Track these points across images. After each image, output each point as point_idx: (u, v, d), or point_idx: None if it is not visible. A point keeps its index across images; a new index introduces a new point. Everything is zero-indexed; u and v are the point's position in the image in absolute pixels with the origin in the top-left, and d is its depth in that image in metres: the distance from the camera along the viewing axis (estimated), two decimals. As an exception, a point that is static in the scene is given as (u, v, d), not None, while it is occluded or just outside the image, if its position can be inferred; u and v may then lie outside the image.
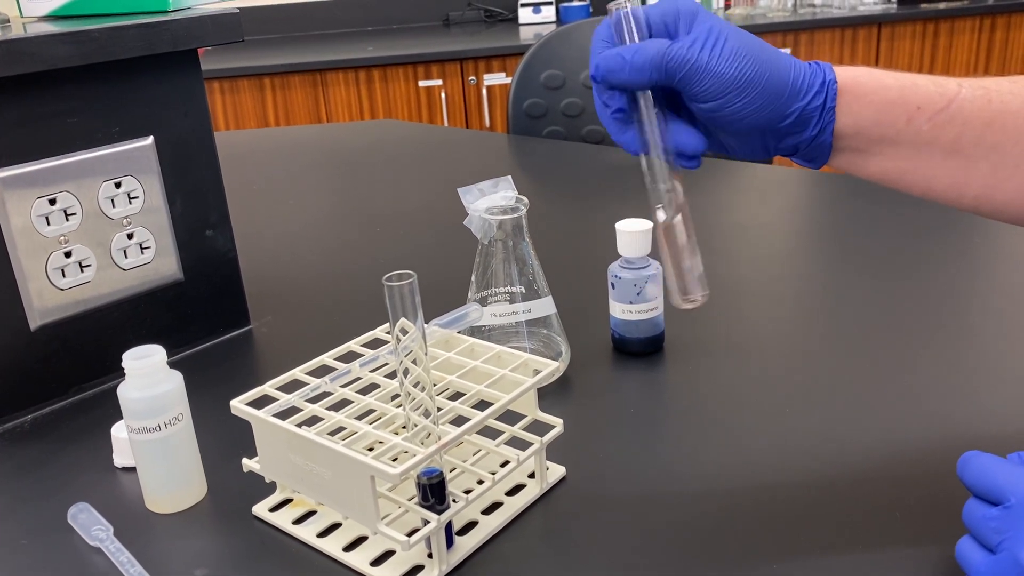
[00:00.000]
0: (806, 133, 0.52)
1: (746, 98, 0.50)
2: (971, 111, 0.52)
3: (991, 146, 0.52)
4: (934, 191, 0.54)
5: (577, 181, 1.30)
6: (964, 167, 0.53)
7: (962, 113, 0.51)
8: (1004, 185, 0.52)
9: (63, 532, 0.57)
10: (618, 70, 0.50)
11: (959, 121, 0.52)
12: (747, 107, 0.50)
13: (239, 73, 2.49)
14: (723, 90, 0.50)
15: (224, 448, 0.63)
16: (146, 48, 0.72)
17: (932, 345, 0.73)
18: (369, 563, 0.51)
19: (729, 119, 0.51)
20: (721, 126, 0.52)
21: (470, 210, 0.68)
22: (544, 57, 1.56)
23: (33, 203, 0.68)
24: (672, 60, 0.49)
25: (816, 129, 0.52)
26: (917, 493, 0.55)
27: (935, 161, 0.53)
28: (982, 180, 0.53)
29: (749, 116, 0.51)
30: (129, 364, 0.55)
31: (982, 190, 0.53)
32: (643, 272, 0.72)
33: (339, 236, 1.12)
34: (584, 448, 0.62)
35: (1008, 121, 0.51)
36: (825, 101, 0.51)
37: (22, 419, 0.71)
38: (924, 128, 0.52)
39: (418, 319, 0.48)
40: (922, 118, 0.52)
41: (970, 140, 0.52)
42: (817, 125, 0.52)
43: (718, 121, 0.51)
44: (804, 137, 0.52)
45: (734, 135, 0.53)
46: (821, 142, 0.53)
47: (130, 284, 0.75)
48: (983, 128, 0.52)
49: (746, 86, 0.50)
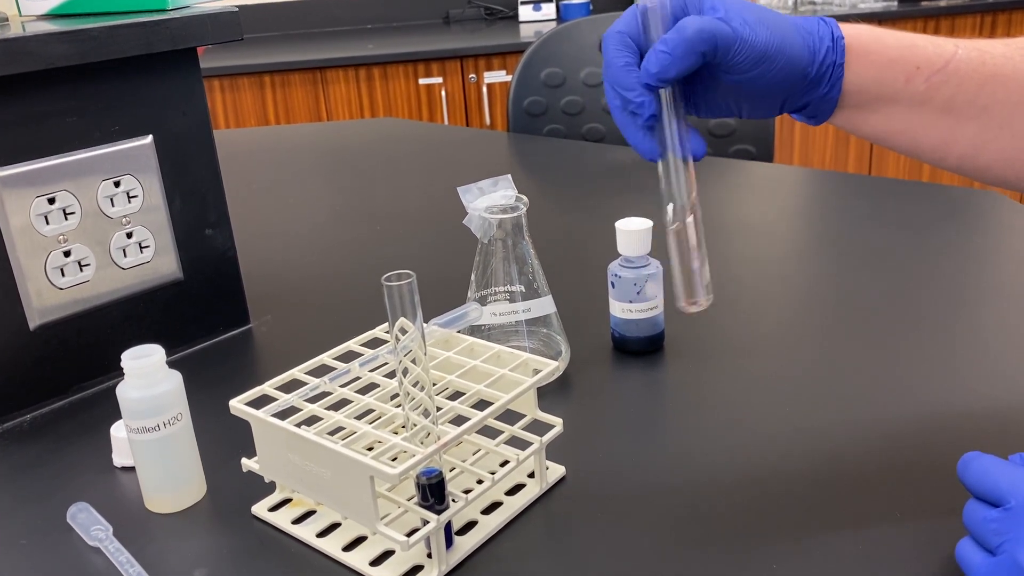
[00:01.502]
0: (818, 91, 0.54)
1: (776, 65, 0.51)
2: (966, 72, 0.53)
3: (981, 107, 0.53)
4: (921, 149, 0.56)
5: (577, 179, 1.30)
6: (953, 127, 0.54)
7: (958, 74, 0.53)
8: (989, 146, 0.54)
9: (62, 532, 0.57)
10: (667, 65, 0.50)
11: (954, 82, 0.53)
12: (777, 75, 0.52)
13: (239, 71, 2.48)
14: (758, 59, 0.51)
15: (223, 448, 0.63)
16: (145, 47, 0.71)
17: (933, 344, 0.73)
18: (368, 563, 0.51)
19: (758, 87, 0.52)
20: (747, 94, 0.53)
21: (470, 209, 0.68)
22: (544, 55, 1.56)
23: (32, 202, 0.68)
24: (713, 33, 0.50)
25: (827, 86, 0.54)
26: (917, 493, 0.55)
27: (927, 120, 0.54)
28: (968, 141, 0.54)
29: (777, 83, 0.52)
30: (128, 364, 0.55)
31: (967, 150, 0.55)
32: (643, 271, 0.72)
33: (338, 235, 1.12)
34: (584, 447, 0.62)
35: (999, 84, 0.53)
36: (835, 58, 0.53)
37: (21, 418, 0.71)
38: (921, 88, 0.53)
39: (417, 319, 0.48)
40: (920, 78, 0.53)
41: (963, 101, 0.53)
42: (828, 82, 0.54)
43: (748, 89, 0.53)
44: (816, 95, 0.54)
45: (757, 100, 0.54)
46: (830, 98, 0.54)
47: (129, 283, 0.75)
48: (976, 89, 0.53)
49: (776, 54, 0.51)
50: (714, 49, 0.50)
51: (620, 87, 0.52)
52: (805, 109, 0.55)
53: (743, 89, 0.53)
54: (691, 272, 0.52)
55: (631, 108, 0.52)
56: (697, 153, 0.53)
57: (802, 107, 0.55)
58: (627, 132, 0.53)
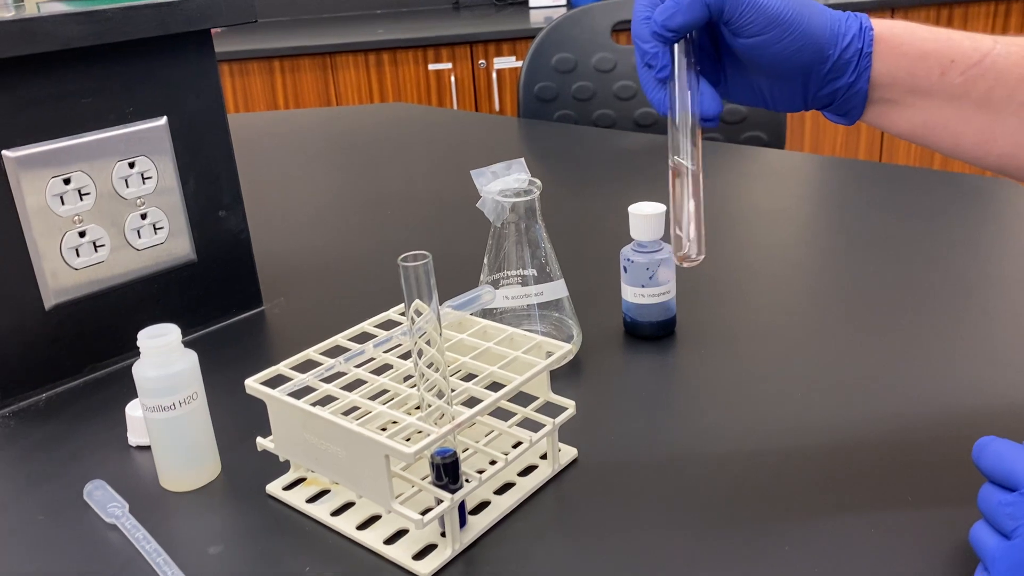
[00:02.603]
0: (843, 79, 0.53)
1: (789, 35, 0.51)
2: (1004, 67, 0.52)
3: (1020, 103, 0.52)
4: (962, 147, 0.55)
5: (588, 165, 1.29)
6: (993, 123, 0.53)
7: (995, 68, 0.52)
8: None
9: (79, 509, 0.57)
10: (672, 14, 0.51)
11: (991, 76, 0.52)
12: (790, 46, 0.52)
13: (249, 56, 2.48)
14: (768, 24, 0.51)
15: (237, 429, 0.63)
16: (160, 28, 0.72)
17: (947, 329, 0.73)
18: (383, 541, 0.52)
19: (772, 59, 0.52)
20: (764, 67, 0.53)
21: (483, 192, 0.68)
22: (555, 40, 1.56)
23: (48, 183, 0.69)
24: None
25: (853, 75, 0.53)
26: (930, 477, 0.55)
27: (965, 115, 0.54)
28: (1010, 138, 0.53)
29: (792, 56, 0.52)
30: (144, 343, 0.56)
31: (1009, 148, 0.54)
32: (656, 256, 0.72)
33: (350, 219, 1.12)
34: (596, 430, 0.62)
35: None
36: (863, 47, 0.53)
37: (36, 398, 0.72)
38: (957, 81, 0.53)
39: (433, 300, 0.48)
40: (955, 71, 0.53)
41: (1001, 96, 0.53)
42: (854, 71, 0.53)
43: (761, 60, 0.53)
44: (841, 83, 0.54)
45: (775, 79, 0.54)
46: (857, 90, 0.54)
47: (144, 264, 0.76)
48: (1016, 84, 0.52)
49: (789, 23, 0.51)
50: (721, 4, 0.51)
51: (638, 38, 0.54)
52: (833, 104, 0.55)
53: (759, 60, 0.53)
54: (685, 225, 0.53)
55: (646, 60, 0.54)
56: (711, 111, 0.54)
57: (830, 101, 0.55)
58: (644, 84, 0.55)
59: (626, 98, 1.54)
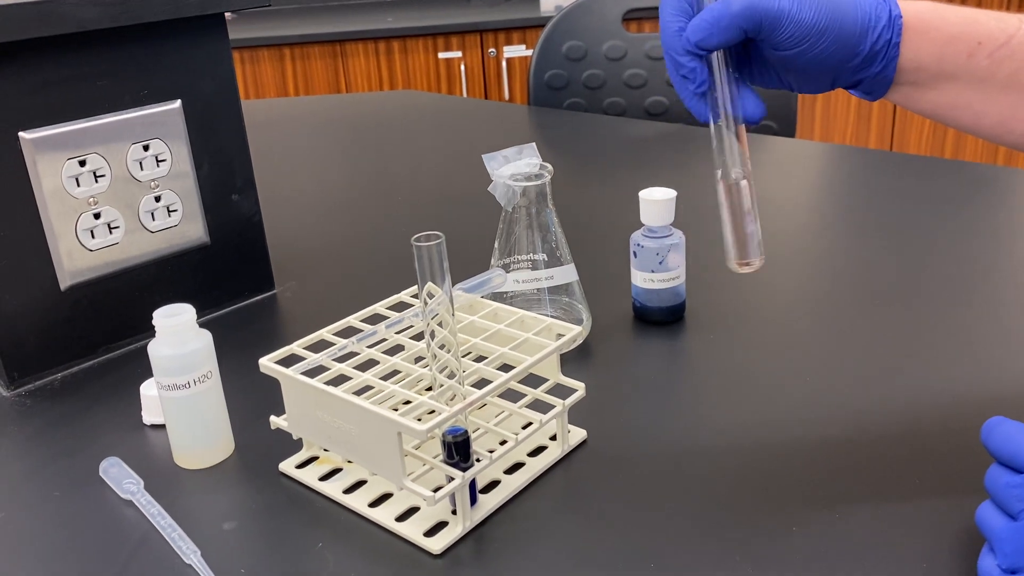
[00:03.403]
0: (871, 69, 0.53)
1: (824, 42, 0.51)
2: None
3: None
4: (982, 126, 0.55)
5: (599, 152, 1.29)
6: (1016, 104, 0.53)
7: (1022, 48, 0.52)
8: None
9: (95, 486, 0.58)
10: (708, 35, 0.51)
11: (1018, 57, 0.52)
12: (825, 51, 0.52)
13: (259, 43, 2.49)
14: (804, 36, 0.51)
15: (249, 409, 0.64)
16: (174, 11, 0.72)
17: (956, 314, 0.73)
18: (394, 518, 0.52)
19: (806, 64, 0.52)
20: (795, 70, 0.53)
21: (494, 176, 0.69)
22: (566, 27, 1.55)
23: (64, 164, 0.69)
24: (758, 11, 0.50)
25: (881, 65, 0.53)
26: (937, 459, 0.55)
27: (989, 96, 0.54)
28: None
29: (826, 59, 0.52)
30: (160, 322, 0.56)
31: None
32: (665, 241, 0.72)
33: (360, 205, 1.12)
34: (605, 413, 0.63)
35: None
36: (891, 37, 0.52)
37: (52, 377, 0.72)
38: (984, 64, 0.53)
39: (446, 280, 0.49)
40: (982, 54, 0.53)
41: None
42: (882, 61, 0.53)
43: (793, 65, 0.53)
44: (869, 73, 0.54)
45: (805, 76, 0.54)
46: (884, 76, 0.54)
47: (157, 246, 0.76)
48: None
49: (824, 31, 0.51)
50: (758, 26, 0.51)
51: (672, 51, 0.53)
52: (859, 86, 0.55)
53: (791, 64, 0.53)
54: (744, 233, 0.53)
55: (682, 73, 0.53)
56: (754, 116, 0.53)
57: (855, 84, 0.55)
58: (681, 94, 0.54)
59: (636, 86, 1.54)
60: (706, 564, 0.48)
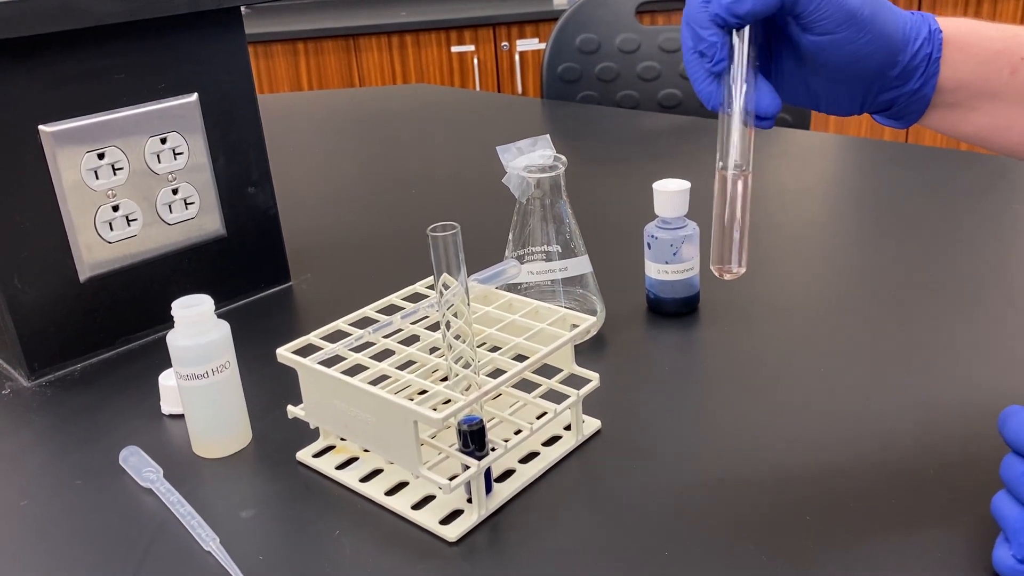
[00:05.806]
0: (908, 85, 0.51)
1: (864, 36, 0.48)
2: None
3: None
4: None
5: (612, 145, 1.30)
6: None
7: None
8: None
9: (115, 474, 0.59)
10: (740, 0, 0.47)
11: None
12: (863, 48, 0.48)
13: (273, 38, 2.50)
14: (843, 21, 0.47)
15: (267, 398, 0.65)
16: (191, 5, 0.73)
17: (970, 308, 0.73)
18: (410, 506, 0.53)
19: (841, 60, 0.49)
20: (829, 68, 0.50)
21: (508, 168, 0.69)
22: (579, 21, 1.55)
23: (83, 157, 0.70)
24: None
25: (919, 81, 0.50)
26: (952, 450, 0.55)
27: None
28: None
29: (863, 59, 0.49)
30: (179, 312, 0.57)
31: None
32: (679, 232, 0.72)
33: (375, 198, 1.13)
34: (619, 403, 0.63)
35: None
36: (932, 51, 0.50)
37: (72, 368, 0.73)
38: None
39: (461, 271, 0.49)
40: None
41: None
42: (921, 77, 0.50)
43: (828, 61, 0.49)
44: (905, 90, 0.51)
45: (837, 82, 0.51)
46: (921, 96, 0.51)
47: (175, 239, 0.77)
48: None
49: (865, 23, 0.47)
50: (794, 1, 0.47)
51: (694, 23, 0.48)
52: (892, 109, 0.52)
53: (825, 60, 0.49)
54: (728, 237, 0.50)
55: (701, 47, 0.48)
56: (768, 109, 0.49)
57: (888, 106, 0.52)
58: (692, 74, 0.50)
59: (650, 79, 1.54)
60: (720, 553, 0.49)
